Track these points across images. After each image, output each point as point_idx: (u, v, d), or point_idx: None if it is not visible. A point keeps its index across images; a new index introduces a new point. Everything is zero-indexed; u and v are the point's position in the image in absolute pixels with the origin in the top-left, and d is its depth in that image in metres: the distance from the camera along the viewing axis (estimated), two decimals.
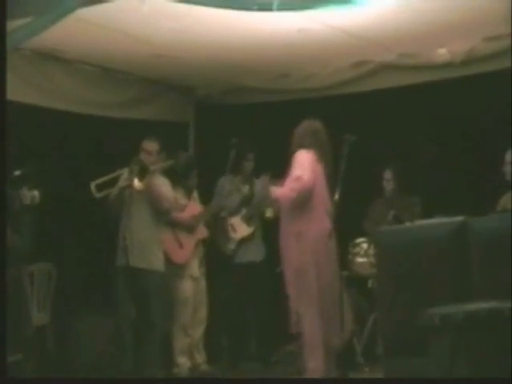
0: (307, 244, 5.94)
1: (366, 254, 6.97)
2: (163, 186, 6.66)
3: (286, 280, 6.05)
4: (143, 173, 6.47)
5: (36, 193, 6.56)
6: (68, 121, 7.17)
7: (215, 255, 7.42)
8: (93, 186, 6.24)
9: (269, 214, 7.25)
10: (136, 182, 6.46)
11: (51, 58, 6.98)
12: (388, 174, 7.30)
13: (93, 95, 7.53)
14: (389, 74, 7.38)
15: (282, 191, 6.02)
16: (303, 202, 5.96)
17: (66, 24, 5.10)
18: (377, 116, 7.51)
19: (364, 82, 7.55)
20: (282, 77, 7.97)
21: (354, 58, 7.45)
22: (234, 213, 7.42)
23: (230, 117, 8.22)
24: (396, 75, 7.35)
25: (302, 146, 6.09)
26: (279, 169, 6.13)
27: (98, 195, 6.30)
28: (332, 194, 6.07)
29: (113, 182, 6.51)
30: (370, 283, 6.95)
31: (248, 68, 7.58)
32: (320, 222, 5.99)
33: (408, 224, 6.02)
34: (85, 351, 7.05)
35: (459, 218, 4.71)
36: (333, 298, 5.96)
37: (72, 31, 5.77)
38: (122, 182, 6.49)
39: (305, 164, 5.97)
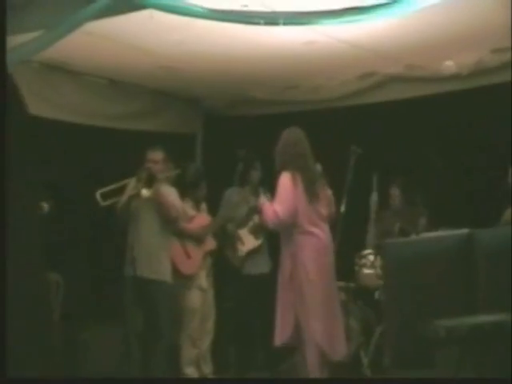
0: (301, 264, 5.89)
1: (372, 266, 6.95)
2: (171, 194, 6.65)
3: (285, 294, 6.04)
4: (151, 181, 6.47)
5: (45, 204, 6.58)
6: (75, 132, 7.15)
7: (223, 266, 7.41)
8: (98, 194, 6.24)
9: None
10: (143, 191, 6.46)
11: (60, 70, 6.96)
12: (394, 186, 7.31)
13: (101, 107, 7.54)
14: (396, 85, 7.35)
15: (268, 214, 5.97)
16: (288, 227, 5.91)
17: (75, 37, 5.09)
18: (383, 128, 7.51)
19: (371, 93, 7.55)
20: (290, 88, 7.98)
21: (361, 70, 7.46)
22: (241, 224, 7.40)
23: (238, 128, 8.24)
24: (403, 87, 7.32)
25: (283, 164, 6.01)
26: None
27: (103, 204, 6.28)
28: (333, 204, 6.08)
29: (119, 192, 6.50)
30: (376, 295, 6.93)
31: (255, 80, 7.58)
32: (311, 241, 5.92)
33: (414, 236, 6.04)
34: (92, 361, 7.04)
35: (465, 231, 4.73)
36: (333, 312, 5.93)
37: (80, 44, 5.77)
38: (129, 191, 6.48)
39: (282, 193, 5.90)
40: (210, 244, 7.28)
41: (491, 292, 4.41)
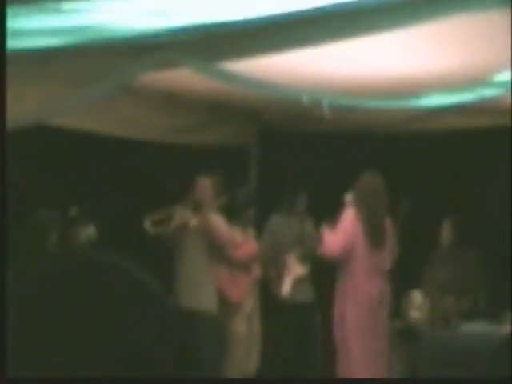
0: (347, 318, 6.10)
1: (419, 308, 6.80)
2: (219, 222, 6.63)
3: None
4: (198, 210, 6.50)
5: (92, 229, 6.58)
6: (127, 149, 7.11)
7: (269, 294, 7.33)
8: (147, 222, 6.30)
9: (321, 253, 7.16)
10: (191, 220, 6.49)
11: None
12: (445, 227, 7.12)
13: (157, 121, 7.46)
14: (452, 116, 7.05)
15: (325, 242, 6.26)
16: (344, 267, 6.15)
17: None
18: (435, 160, 7.29)
19: (431, 120, 7.25)
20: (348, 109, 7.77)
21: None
22: (287, 251, 7.29)
23: (293, 145, 8.06)
24: (460, 118, 7.03)
25: (353, 201, 6.21)
26: (332, 206, 6.29)
27: (152, 232, 6.34)
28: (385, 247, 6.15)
29: (167, 217, 6.50)
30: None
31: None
32: (359, 298, 6.09)
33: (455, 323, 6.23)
34: None
35: (507, 329, 4.61)
36: (380, 362, 6.05)
37: None
38: (176, 220, 6.48)
39: (342, 226, 6.18)
40: (257, 271, 7.21)
41: None
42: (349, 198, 6.28)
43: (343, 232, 6.14)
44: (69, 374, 1.27)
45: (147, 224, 6.37)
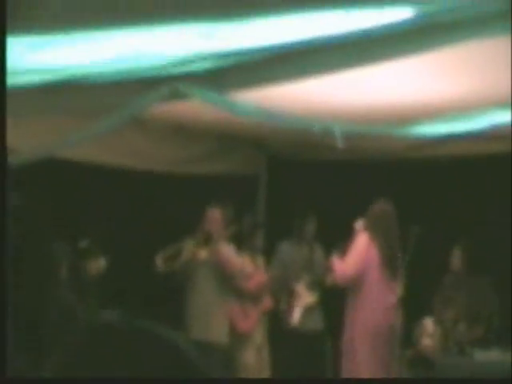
0: (362, 337, 6.12)
1: (431, 336, 6.77)
2: (229, 252, 6.69)
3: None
4: (208, 242, 6.56)
5: (102, 262, 6.58)
6: (136, 180, 7.11)
7: (279, 323, 7.31)
8: (159, 259, 6.36)
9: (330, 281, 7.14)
10: (201, 252, 6.55)
11: None
12: (456, 253, 7.10)
13: (166, 152, 7.48)
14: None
15: (336, 269, 6.35)
16: (355, 288, 6.18)
17: None
18: (445, 187, 7.29)
19: (441, 147, 7.23)
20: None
21: None
22: (297, 279, 7.28)
23: (302, 173, 8.06)
24: (469, 144, 7.02)
25: (366, 228, 6.25)
26: (341, 233, 6.35)
27: (163, 268, 6.42)
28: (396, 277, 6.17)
29: (178, 252, 6.55)
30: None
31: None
32: (372, 316, 6.11)
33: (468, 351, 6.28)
34: None
35: None
36: None
37: None
38: (186, 254, 6.53)
39: (353, 251, 6.22)
40: (267, 302, 7.18)
41: None
42: (359, 225, 6.31)
43: (357, 256, 6.17)
44: None
45: (158, 261, 6.45)
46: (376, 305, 6.10)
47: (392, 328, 6.06)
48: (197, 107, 4.95)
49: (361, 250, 6.17)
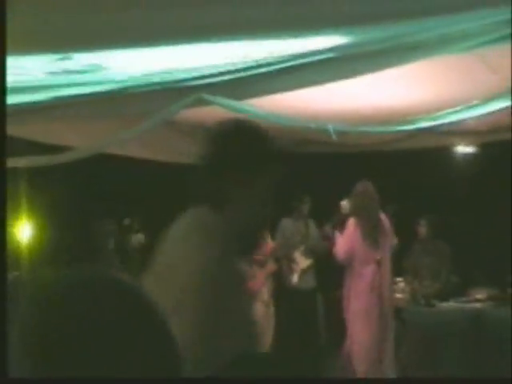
0: (350, 304, 6.04)
1: (402, 290, 6.77)
2: None
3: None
4: None
5: (141, 236, 6.58)
6: (165, 171, 7.02)
7: (281, 282, 7.29)
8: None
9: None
10: None
11: None
12: (423, 224, 7.07)
13: (190, 147, 7.34)
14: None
15: (337, 247, 6.21)
16: (347, 259, 6.07)
17: None
18: (418, 172, 7.23)
19: (407, 141, 7.18)
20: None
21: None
22: (294, 248, 7.27)
23: (301, 163, 7.93)
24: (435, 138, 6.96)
25: (352, 210, 6.16)
26: (331, 211, 6.45)
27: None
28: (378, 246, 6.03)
29: None
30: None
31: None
32: (361, 280, 6.00)
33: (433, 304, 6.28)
34: None
35: (477, 305, 4.56)
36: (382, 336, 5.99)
37: None
38: None
39: (345, 236, 6.12)
40: (272, 267, 7.15)
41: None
42: (344, 204, 6.24)
43: (346, 240, 6.08)
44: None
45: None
46: (361, 266, 6.01)
47: (376, 282, 5.95)
48: (217, 112, 4.91)
49: (349, 233, 6.07)
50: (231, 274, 2.15)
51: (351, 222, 6.10)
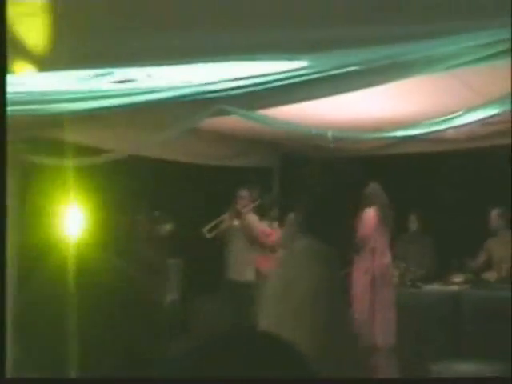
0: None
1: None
2: (254, 220, 6.70)
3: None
4: (239, 214, 6.59)
5: (169, 226, 6.61)
6: (189, 171, 7.05)
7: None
8: (205, 230, 6.34)
9: None
10: (235, 221, 6.57)
11: None
12: (412, 219, 7.08)
13: (210, 151, 7.32)
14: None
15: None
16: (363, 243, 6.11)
17: None
18: (407, 174, 7.21)
19: (395, 147, 7.14)
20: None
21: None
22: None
23: (305, 166, 7.88)
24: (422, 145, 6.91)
25: (366, 205, 6.10)
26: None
27: (208, 236, 6.35)
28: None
29: (218, 223, 6.58)
30: None
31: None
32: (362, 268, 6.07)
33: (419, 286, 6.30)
34: None
35: (454, 287, 4.56)
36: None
37: None
38: (225, 223, 6.48)
39: (367, 223, 6.10)
40: (280, 252, 7.08)
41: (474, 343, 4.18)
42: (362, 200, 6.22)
43: (369, 221, 6.11)
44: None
45: (205, 231, 6.43)
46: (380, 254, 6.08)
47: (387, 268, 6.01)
48: (235, 121, 4.91)
49: (371, 218, 6.11)
50: (337, 285, 2.33)
51: (368, 211, 6.10)
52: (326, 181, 6.90)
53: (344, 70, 3.56)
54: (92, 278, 1.06)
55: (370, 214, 6.10)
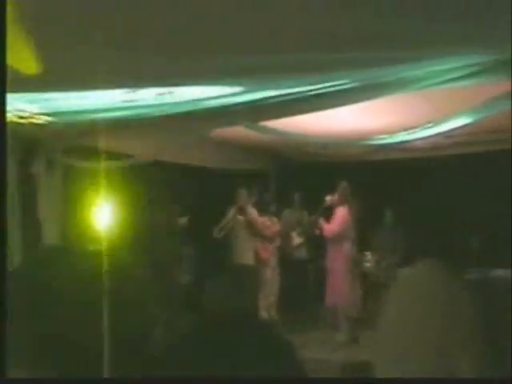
0: (337, 262, 6.11)
1: (370, 261, 6.79)
2: (255, 215, 6.72)
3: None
4: (242, 209, 6.58)
5: (185, 219, 6.60)
6: (194, 173, 6.94)
7: (284, 255, 7.30)
8: (215, 230, 6.38)
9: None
10: (239, 217, 6.58)
11: None
12: (387, 214, 7.08)
13: (217, 157, 7.22)
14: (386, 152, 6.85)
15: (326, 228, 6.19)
16: (335, 239, 6.16)
17: None
18: (382, 176, 7.21)
19: (374, 154, 7.11)
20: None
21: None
22: (292, 230, 7.31)
23: (295, 168, 7.94)
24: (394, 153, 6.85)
25: (339, 203, 6.16)
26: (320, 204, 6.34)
27: (218, 235, 6.43)
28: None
29: (226, 222, 6.59)
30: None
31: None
32: (344, 252, 6.08)
33: (393, 269, 6.01)
34: None
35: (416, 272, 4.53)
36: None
37: None
38: (230, 219, 6.52)
39: (339, 219, 6.12)
40: (277, 242, 7.17)
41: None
42: (329, 199, 6.23)
43: (341, 219, 6.11)
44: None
45: (216, 232, 6.42)
46: (346, 243, 6.11)
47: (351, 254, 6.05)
48: (240, 131, 4.93)
49: (343, 216, 6.10)
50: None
51: (342, 208, 6.09)
52: None
53: (332, 89, 3.57)
54: (121, 262, 1.06)
55: (340, 211, 6.13)
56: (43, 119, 3.77)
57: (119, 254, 1.10)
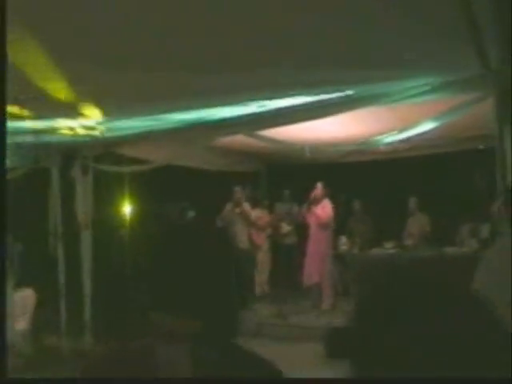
0: (320, 245, 6.04)
1: (345, 244, 6.78)
2: (249, 208, 6.65)
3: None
4: (237, 204, 6.47)
5: (192, 213, 6.53)
6: (202, 174, 6.85)
7: (274, 241, 7.23)
8: (218, 221, 6.33)
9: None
10: (236, 209, 6.46)
11: None
12: (357, 204, 7.10)
13: (219, 160, 7.12)
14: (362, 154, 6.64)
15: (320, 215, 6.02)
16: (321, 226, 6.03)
17: None
18: (363, 174, 7.12)
19: (354, 156, 6.66)
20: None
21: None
22: (282, 220, 7.20)
23: (285, 170, 7.65)
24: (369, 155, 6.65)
25: (321, 197, 6.11)
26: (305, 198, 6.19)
27: (220, 225, 6.33)
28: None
29: (225, 214, 6.46)
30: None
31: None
32: (325, 237, 6.04)
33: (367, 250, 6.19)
34: None
35: (389, 251, 4.51)
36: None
37: None
38: (228, 210, 6.48)
39: (329, 208, 6.05)
40: (269, 231, 7.14)
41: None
42: (316, 193, 6.19)
43: (329, 210, 6.05)
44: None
45: (218, 222, 6.33)
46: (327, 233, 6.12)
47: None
48: (241, 138, 4.86)
49: (330, 206, 6.06)
50: None
51: (326, 202, 6.06)
52: None
53: (316, 104, 3.59)
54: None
55: (327, 203, 6.12)
56: (80, 132, 3.76)
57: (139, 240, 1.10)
